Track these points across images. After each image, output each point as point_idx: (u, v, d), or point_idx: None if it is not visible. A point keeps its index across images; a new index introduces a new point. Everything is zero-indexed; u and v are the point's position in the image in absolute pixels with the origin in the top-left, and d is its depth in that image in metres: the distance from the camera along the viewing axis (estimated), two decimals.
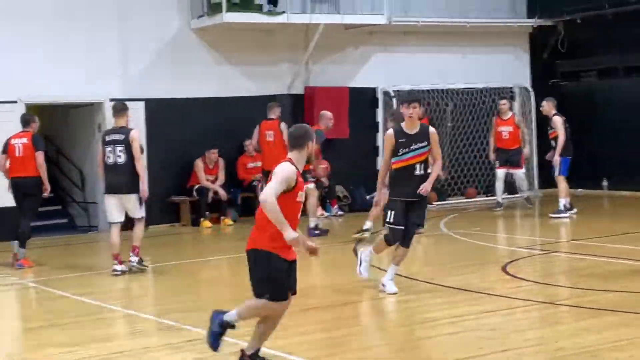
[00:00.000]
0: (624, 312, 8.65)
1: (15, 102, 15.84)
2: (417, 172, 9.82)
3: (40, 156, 12.94)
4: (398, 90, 18.78)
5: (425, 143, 9.84)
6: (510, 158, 17.72)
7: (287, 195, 6.80)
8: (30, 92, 16.00)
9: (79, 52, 16.52)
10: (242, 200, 17.51)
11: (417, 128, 9.87)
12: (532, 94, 20.22)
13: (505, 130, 17.78)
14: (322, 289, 10.60)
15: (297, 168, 6.90)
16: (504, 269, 11.30)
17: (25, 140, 13.00)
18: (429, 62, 19.82)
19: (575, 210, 16.34)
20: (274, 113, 15.74)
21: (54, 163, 18.43)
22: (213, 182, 17.25)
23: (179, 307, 9.74)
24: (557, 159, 16.04)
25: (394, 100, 18.30)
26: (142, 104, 16.88)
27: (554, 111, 16.32)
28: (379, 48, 19.52)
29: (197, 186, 17.18)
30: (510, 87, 20.48)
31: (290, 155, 7.00)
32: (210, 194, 17.12)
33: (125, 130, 11.96)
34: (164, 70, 17.28)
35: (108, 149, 11.91)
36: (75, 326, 9.02)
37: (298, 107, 18.59)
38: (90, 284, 11.68)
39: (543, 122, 17.73)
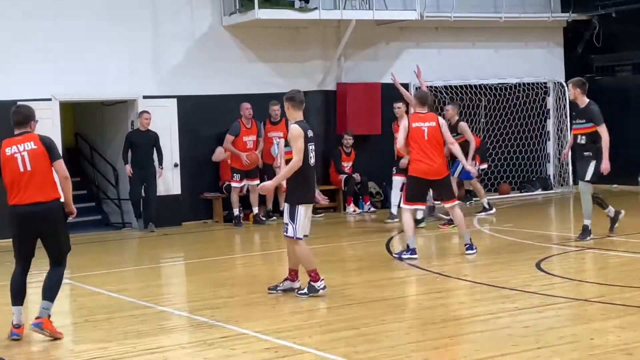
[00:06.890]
0: None
1: (50, 99, 15.94)
2: None
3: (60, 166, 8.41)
4: (430, 86, 18.69)
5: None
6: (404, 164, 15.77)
7: None
8: (64, 89, 16.11)
9: (113, 50, 16.60)
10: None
11: None
12: (566, 89, 20.02)
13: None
14: (354, 286, 10.57)
15: None
16: (537, 265, 11.21)
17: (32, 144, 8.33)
18: (461, 57, 19.75)
19: (494, 210, 16.40)
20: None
21: (88, 161, 18.57)
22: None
23: (211, 303, 9.75)
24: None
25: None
26: (174, 101, 16.95)
27: (457, 117, 15.82)
28: (411, 44, 19.45)
29: (226, 184, 17.17)
30: (545, 82, 20.34)
31: None
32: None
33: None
34: (196, 67, 17.33)
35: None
36: (109, 323, 9.05)
37: (330, 104, 18.57)
38: (124, 280, 11.74)
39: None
